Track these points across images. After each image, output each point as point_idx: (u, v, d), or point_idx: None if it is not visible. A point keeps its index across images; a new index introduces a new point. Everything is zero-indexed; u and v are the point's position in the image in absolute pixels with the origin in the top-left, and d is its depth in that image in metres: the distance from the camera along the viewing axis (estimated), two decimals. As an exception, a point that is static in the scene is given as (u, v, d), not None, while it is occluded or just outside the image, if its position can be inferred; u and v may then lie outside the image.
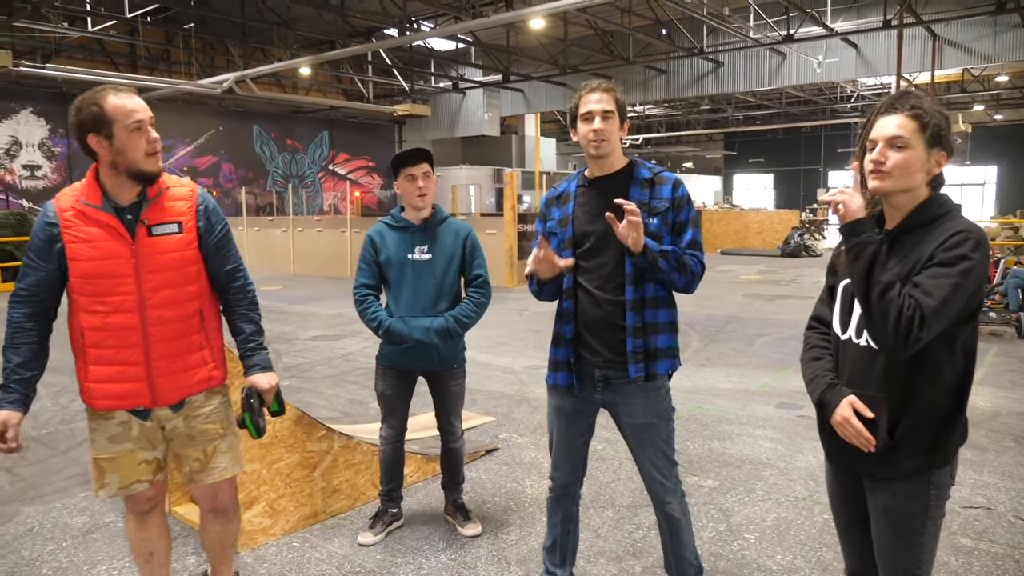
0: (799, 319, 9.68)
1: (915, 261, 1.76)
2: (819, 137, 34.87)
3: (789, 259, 18.95)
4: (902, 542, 1.88)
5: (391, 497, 3.50)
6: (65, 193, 2.28)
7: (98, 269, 2.21)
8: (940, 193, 1.84)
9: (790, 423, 5.17)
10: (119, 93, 2.19)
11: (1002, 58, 15.59)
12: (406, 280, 3.27)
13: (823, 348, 2.05)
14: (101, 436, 2.36)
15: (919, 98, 1.80)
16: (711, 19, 15.23)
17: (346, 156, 27.34)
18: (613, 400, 2.57)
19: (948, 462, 1.85)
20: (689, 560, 2.67)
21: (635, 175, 2.54)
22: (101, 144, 2.17)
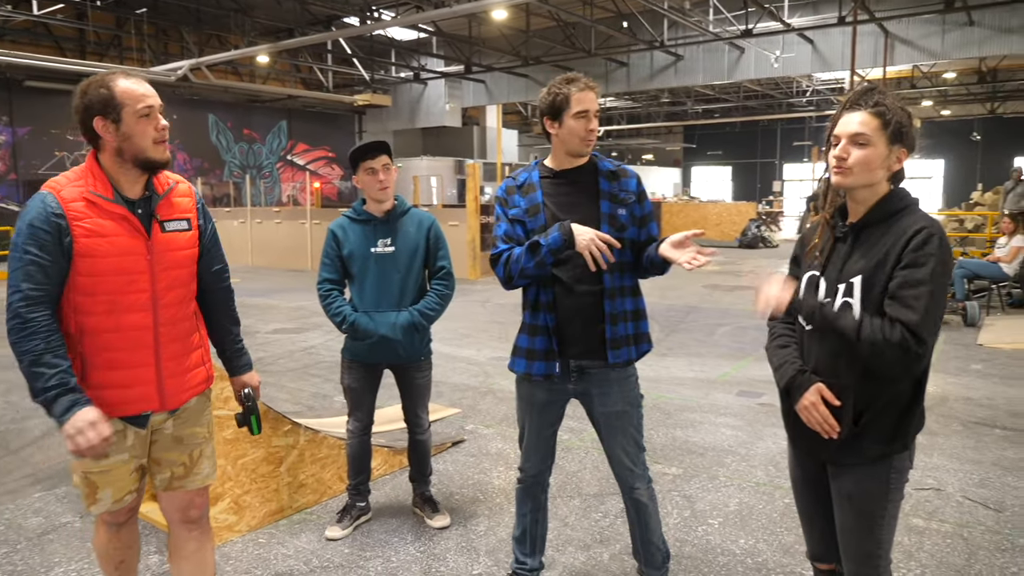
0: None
1: (881, 256, 1.82)
2: (775, 131, 35.49)
3: (747, 250, 19.29)
4: (864, 525, 1.95)
5: (359, 491, 3.49)
6: (61, 183, 2.07)
7: (115, 266, 2.06)
8: (900, 188, 1.90)
9: (750, 411, 5.28)
10: (129, 77, 2.08)
11: (949, 55, 16.06)
12: (369, 274, 3.25)
13: (789, 336, 2.09)
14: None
15: (883, 95, 1.85)
16: (672, 12, 15.37)
17: (305, 146, 26.94)
18: (587, 389, 2.61)
19: (907, 448, 1.92)
20: (656, 545, 2.73)
21: (600, 167, 2.60)
22: (107, 128, 2.04)
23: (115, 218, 2.07)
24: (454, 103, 23.72)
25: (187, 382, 2.26)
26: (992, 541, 3.29)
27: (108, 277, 2.06)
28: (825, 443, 1.94)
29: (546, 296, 2.56)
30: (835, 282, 1.91)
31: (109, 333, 2.08)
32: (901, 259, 1.78)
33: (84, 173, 2.09)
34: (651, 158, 40.86)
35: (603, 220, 2.51)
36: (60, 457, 4.37)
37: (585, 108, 2.48)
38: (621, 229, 2.53)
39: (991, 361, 6.77)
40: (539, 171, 2.64)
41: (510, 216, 2.61)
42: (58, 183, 2.07)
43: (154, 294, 2.13)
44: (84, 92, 2.05)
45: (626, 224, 2.56)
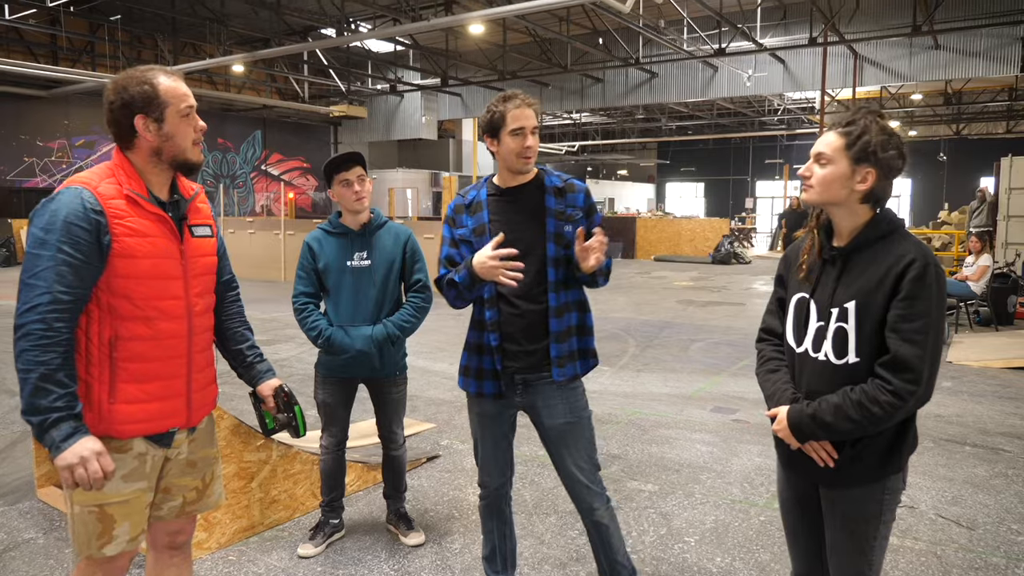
0: (731, 325, 9.97)
1: (875, 283, 1.82)
2: (748, 148, 35.98)
3: (720, 266, 19.48)
4: (856, 546, 1.95)
5: (332, 507, 3.43)
6: (93, 179, 1.92)
7: (154, 268, 1.95)
8: (885, 211, 1.92)
9: (725, 427, 5.30)
10: (170, 75, 1.98)
11: (917, 77, 16.45)
12: (345, 287, 3.22)
13: (779, 360, 2.08)
14: (116, 475, 1.94)
15: (862, 116, 1.88)
16: (647, 31, 15.56)
17: (280, 156, 26.74)
18: (534, 403, 2.59)
19: (901, 468, 1.94)
20: (622, 563, 2.69)
21: (547, 184, 2.57)
22: (149, 127, 1.93)
23: (153, 219, 1.97)
24: (430, 116, 23.73)
25: (207, 397, 2.16)
26: (965, 559, 3.32)
27: (147, 280, 1.94)
28: (819, 466, 1.94)
29: (491, 314, 2.54)
30: (827, 307, 1.91)
31: (145, 341, 1.95)
32: (899, 290, 1.79)
33: (112, 171, 1.96)
34: (625, 173, 41.19)
35: (549, 239, 2.51)
36: (22, 471, 4.24)
37: (520, 125, 2.47)
38: (568, 246, 2.52)
39: (960, 379, 6.88)
40: (487, 189, 2.61)
41: (457, 236, 2.60)
42: (90, 179, 1.92)
43: (188, 301, 2.04)
44: (123, 87, 1.93)
45: (574, 240, 2.51)
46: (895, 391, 1.77)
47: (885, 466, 1.90)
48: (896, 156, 1.86)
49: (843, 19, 15.37)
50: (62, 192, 1.89)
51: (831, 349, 1.89)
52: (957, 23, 14.63)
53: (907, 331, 1.77)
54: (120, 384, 1.93)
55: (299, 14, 16.00)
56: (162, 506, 2.13)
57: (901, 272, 1.79)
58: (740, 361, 7.62)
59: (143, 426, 1.97)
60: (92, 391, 1.92)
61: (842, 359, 1.88)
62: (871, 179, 1.85)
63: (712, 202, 38.44)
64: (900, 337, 1.77)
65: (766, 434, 5.08)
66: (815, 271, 1.97)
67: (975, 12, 14.62)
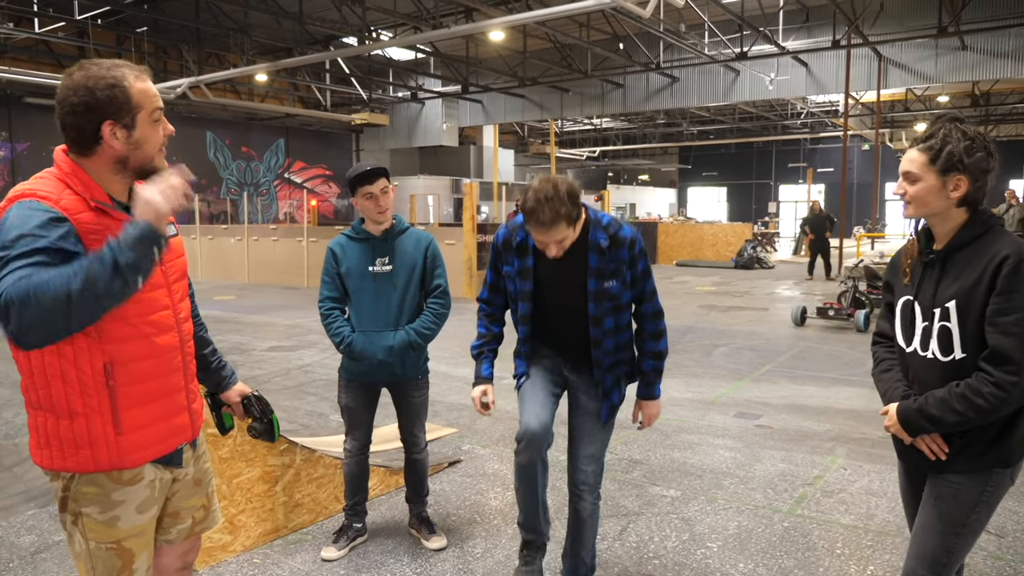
0: (754, 330, 9.89)
1: (973, 280, 1.90)
2: (770, 152, 35.75)
3: (742, 271, 19.33)
4: (942, 527, 1.99)
5: (356, 511, 3.45)
6: (47, 192, 1.65)
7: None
8: (981, 210, 1.98)
9: (748, 432, 5.26)
10: (138, 73, 1.74)
11: (943, 79, 16.25)
12: (367, 292, 3.26)
13: (891, 360, 2.17)
14: (129, 508, 1.80)
15: (941, 127, 1.95)
16: (667, 35, 15.53)
17: (302, 164, 27.03)
18: (577, 382, 2.79)
19: (1010, 464, 1.96)
20: (583, 559, 2.87)
21: (591, 241, 2.58)
22: (116, 135, 1.70)
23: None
24: (451, 123, 23.86)
25: (200, 407, 2.03)
26: (994, 567, 3.26)
27: (139, 295, 1.69)
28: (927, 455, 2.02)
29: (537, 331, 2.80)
30: (930, 307, 1.99)
31: (145, 360, 1.79)
32: (995, 285, 1.86)
33: (66, 181, 1.70)
34: (647, 178, 41.07)
35: (590, 298, 2.62)
36: (53, 475, 4.32)
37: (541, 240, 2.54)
38: (612, 299, 2.64)
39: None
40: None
41: (503, 271, 2.77)
42: (47, 191, 1.65)
43: (174, 310, 1.89)
44: (87, 88, 1.67)
45: (617, 293, 2.64)
46: (997, 383, 1.83)
47: (990, 456, 1.94)
48: (984, 157, 1.92)
49: (867, 21, 15.23)
50: (14, 207, 1.61)
51: (937, 347, 1.97)
52: (984, 23, 14.42)
53: (1004, 324, 1.83)
54: (123, 412, 1.76)
55: (321, 23, 16.19)
56: (171, 530, 2.02)
57: (996, 268, 1.86)
58: (763, 366, 7.55)
59: (153, 450, 1.84)
60: (93, 424, 1.73)
61: (948, 356, 1.95)
62: (964, 185, 1.92)
63: (734, 206, 38.20)
64: (998, 330, 1.84)
65: (790, 440, 5.04)
66: (917, 274, 2.05)
67: (1003, 12, 14.40)
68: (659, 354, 2.77)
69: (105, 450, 1.75)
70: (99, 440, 1.74)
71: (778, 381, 6.80)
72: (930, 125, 2.00)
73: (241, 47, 17.83)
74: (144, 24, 17.39)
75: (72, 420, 1.73)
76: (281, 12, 15.17)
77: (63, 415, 1.73)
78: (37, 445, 1.79)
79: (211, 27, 16.56)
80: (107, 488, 1.78)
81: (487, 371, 2.84)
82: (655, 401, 2.84)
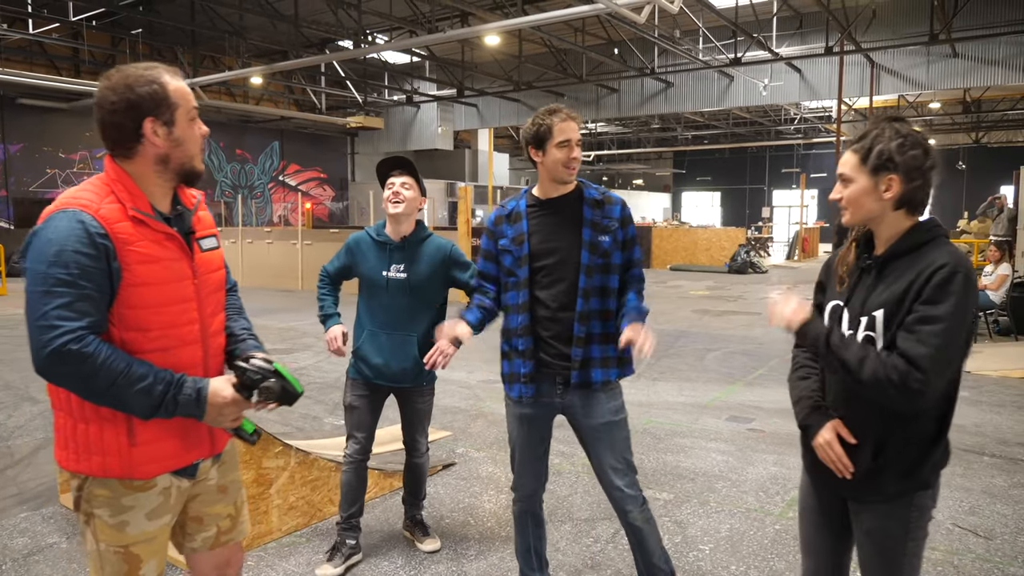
0: (747, 335, 9.93)
1: (903, 289, 1.79)
2: (764, 157, 35.89)
3: (736, 275, 19.40)
4: (884, 562, 1.91)
5: (350, 526, 3.33)
6: (92, 199, 1.69)
7: (170, 294, 1.77)
8: (927, 220, 1.88)
9: (740, 436, 5.29)
10: (174, 73, 1.78)
11: (934, 86, 16.37)
12: (380, 296, 3.22)
13: (810, 368, 2.06)
14: (139, 514, 1.80)
15: (875, 126, 1.87)
16: (662, 41, 15.60)
17: (297, 167, 27.00)
18: (573, 402, 2.67)
19: (930, 485, 1.88)
20: (659, 566, 2.73)
21: (585, 196, 2.67)
22: (158, 132, 1.73)
23: (163, 240, 1.76)
24: (446, 126, 23.89)
25: None
26: (983, 569, 3.29)
27: (162, 308, 1.75)
28: (844, 478, 1.90)
29: (523, 319, 2.65)
30: (858, 314, 1.88)
31: None
32: (922, 293, 1.75)
33: (110, 187, 1.74)
34: (641, 183, 41.17)
35: (584, 247, 2.60)
36: (45, 476, 4.32)
37: (567, 137, 2.57)
38: (604, 255, 2.62)
39: (979, 388, 6.82)
40: (526, 200, 2.72)
41: (499, 247, 2.72)
42: (89, 200, 1.68)
43: (202, 323, 1.86)
44: (128, 86, 1.70)
45: (609, 250, 2.63)
46: (905, 382, 1.71)
47: (909, 482, 1.85)
48: (919, 155, 1.81)
49: (859, 28, 15.33)
50: (56, 217, 1.66)
51: None
52: (975, 31, 14.55)
53: (922, 332, 1.71)
54: (139, 424, 1.74)
55: (316, 27, 16.20)
56: (196, 537, 1.99)
57: (928, 277, 1.75)
58: (756, 371, 7.59)
59: (167, 463, 1.82)
60: (106, 433, 1.74)
61: None
62: (896, 185, 1.82)
63: (728, 211, 38.32)
64: (915, 338, 1.72)
65: (781, 443, 5.07)
66: (853, 279, 1.94)
67: (994, 20, 14.52)
68: (642, 295, 2.68)
69: (117, 459, 1.75)
70: (112, 448, 1.75)
71: (770, 385, 6.83)
72: (866, 126, 1.92)
73: (236, 50, 17.84)
74: (139, 26, 17.38)
75: (88, 425, 1.74)
76: (276, 15, 15.19)
77: (80, 419, 1.75)
78: (58, 445, 1.82)
79: (206, 29, 16.56)
80: (118, 492, 1.79)
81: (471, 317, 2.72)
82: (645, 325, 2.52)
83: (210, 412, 1.75)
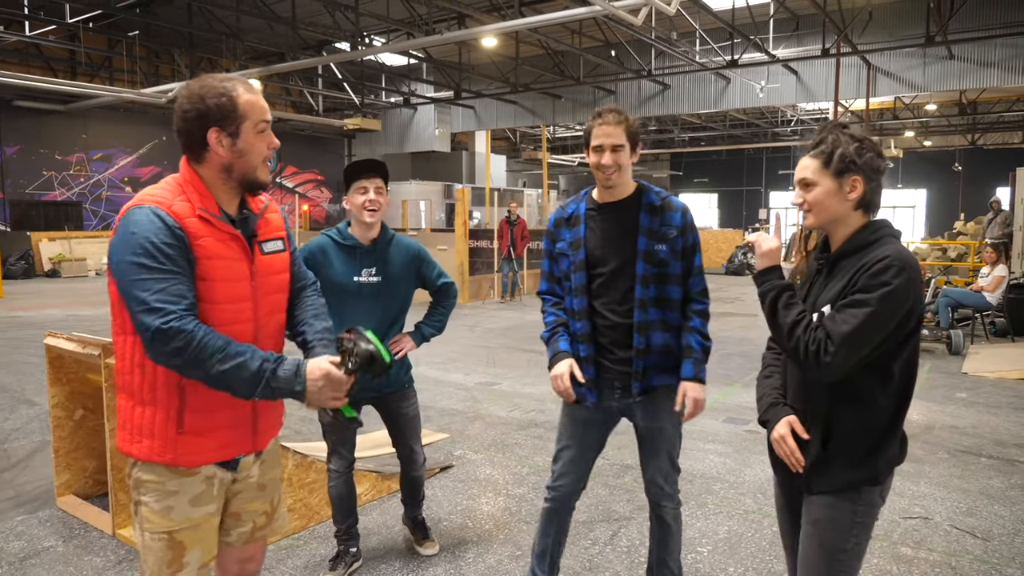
0: (744, 336, 9.93)
1: (846, 283, 1.87)
2: (761, 159, 35.92)
3: (733, 277, 19.44)
4: (824, 556, 1.93)
5: (350, 535, 3.28)
6: (165, 197, 1.80)
7: (228, 292, 1.85)
8: (877, 220, 1.96)
9: (738, 438, 5.29)
10: (248, 87, 1.86)
11: (931, 88, 16.39)
12: (350, 303, 3.03)
13: (774, 367, 2.14)
14: (182, 499, 1.86)
15: (832, 131, 1.94)
16: (659, 43, 15.61)
17: (294, 169, 26.99)
18: (631, 406, 2.67)
19: (879, 481, 1.91)
20: (671, 568, 2.78)
21: (644, 201, 2.62)
22: (222, 142, 1.82)
23: (226, 239, 1.85)
24: (443, 128, 23.88)
25: (273, 420, 2.06)
26: (980, 571, 3.30)
27: (221, 305, 1.83)
28: (798, 471, 1.96)
29: (583, 325, 2.63)
30: (811, 311, 1.95)
31: None
32: (857, 282, 1.83)
33: (183, 187, 1.84)
34: (638, 185, 41.16)
35: (639, 256, 2.56)
36: (42, 480, 4.30)
37: (599, 143, 2.53)
38: (661, 264, 2.57)
39: (976, 390, 6.83)
40: (586, 203, 2.69)
41: (556, 250, 2.71)
42: (163, 197, 1.80)
43: (256, 323, 1.92)
44: (200, 97, 1.81)
45: (667, 259, 2.57)
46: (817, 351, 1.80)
47: (858, 473, 1.89)
48: (875, 157, 1.91)
49: (856, 30, 15.36)
50: (134, 212, 1.77)
51: None
52: (971, 33, 14.57)
53: (846, 313, 1.79)
54: (188, 414, 1.83)
55: (314, 29, 16.20)
56: (231, 532, 2.04)
57: (867, 269, 1.82)
58: (753, 372, 7.59)
59: (210, 455, 1.89)
60: (158, 417, 1.82)
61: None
62: (860, 186, 1.91)
63: (725, 213, 38.35)
64: (838, 315, 1.80)
65: (779, 445, 5.06)
66: (810, 278, 2.04)
67: (990, 22, 14.55)
68: (705, 334, 2.63)
69: (163, 444, 1.83)
70: (160, 433, 1.83)
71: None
72: (817, 133, 1.99)
73: (234, 52, 17.81)
74: (136, 28, 17.34)
75: (144, 408, 1.84)
76: (274, 17, 15.18)
77: (138, 402, 1.84)
78: (119, 426, 1.91)
79: (203, 31, 16.54)
80: (164, 477, 1.86)
81: (565, 345, 2.65)
82: (701, 385, 2.58)
83: (310, 388, 1.80)
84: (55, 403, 3.99)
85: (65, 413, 4.01)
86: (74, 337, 3.66)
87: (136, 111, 21.25)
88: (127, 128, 21.55)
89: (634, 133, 2.56)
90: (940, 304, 9.14)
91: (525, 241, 14.21)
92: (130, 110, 21.05)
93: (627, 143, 2.54)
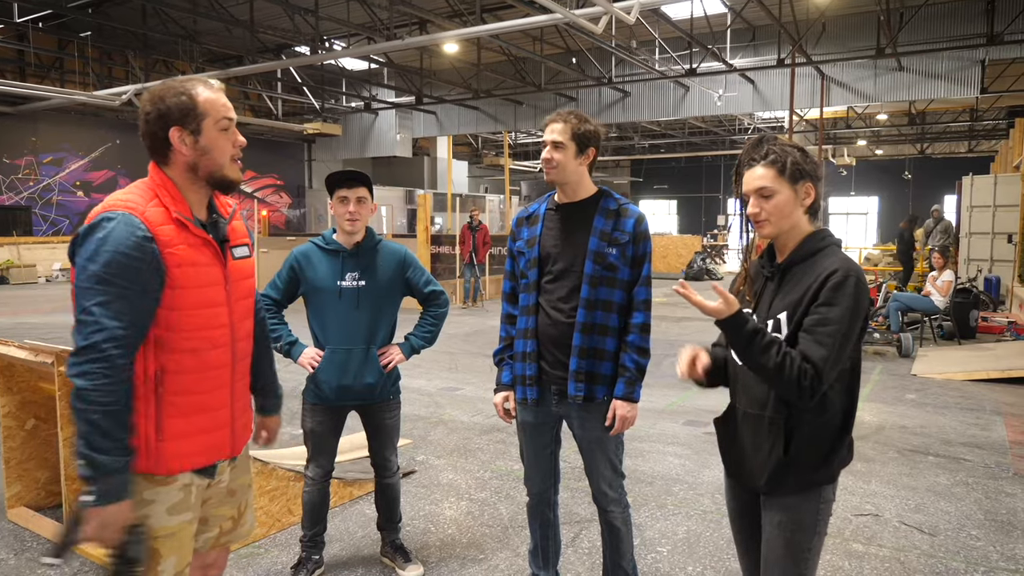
0: (704, 340, 9.99)
1: (802, 292, 1.91)
2: (719, 166, 36.53)
3: (692, 282, 19.64)
4: (791, 556, 1.97)
5: (315, 543, 3.28)
6: (138, 202, 1.79)
7: (203, 297, 1.85)
8: (822, 229, 2.01)
9: (697, 439, 5.39)
10: (209, 86, 1.88)
11: (881, 98, 16.88)
12: (334, 308, 3.04)
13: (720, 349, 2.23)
14: (159, 508, 1.85)
15: (772, 142, 1.98)
16: (619, 51, 15.80)
17: (253, 174, 26.54)
18: (568, 412, 2.71)
19: (834, 479, 1.99)
20: (625, 569, 2.83)
21: (601, 205, 2.67)
22: (185, 140, 1.82)
23: (200, 245, 1.86)
24: (405, 134, 23.79)
25: (247, 425, 2.07)
26: (927, 565, 3.42)
27: (196, 311, 1.84)
28: (757, 473, 1.99)
29: (530, 321, 2.68)
30: (765, 319, 1.99)
31: (192, 373, 1.86)
32: (818, 296, 1.87)
33: (155, 191, 1.84)
34: (600, 191, 41.48)
35: (589, 256, 2.60)
36: (-9, 493, 4.18)
37: (545, 139, 2.64)
38: (610, 268, 2.60)
39: (924, 391, 7.05)
40: (547, 204, 2.76)
41: (516, 249, 2.78)
42: (135, 203, 1.78)
43: (232, 328, 1.95)
44: (160, 98, 1.82)
45: (615, 264, 2.60)
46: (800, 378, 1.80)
47: (819, 474, 1.95)
48: (815, 163, 1.98)
49: (810, 41, 15.75)
50: (105, 218, 1.74)
51: None
52: (919, 46, 15.07)
53: (819, 334, 1.83)
54: (167, 419, 1.83)
55: (273, 32, 16.02)
56: (198, 537, 2.02)
57: (823, 281, 1.86)
58: (712, 375, 7.72)
59: (190, 460, 1.89)
60: (138, 427, 1.80)
61: None
62: (813, 192, 1.97)
63: (685, 219, 38.90)
64: (813, 339, 1.84)
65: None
66: (758, 287, 2.08)
67: (936, 35, 15.07)
68: (643, 350, 2.64)
69: (145, 453, 1.82)
70: (141, 442, 1.81)
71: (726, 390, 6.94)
72: (755, 146, 1.99)
73: (190, 54, 17.52)
74: (88, 29, 16.93)
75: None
76: (231, 20, 14.97)
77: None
78: None
79: (158, 33, 16.22)
80: (140, 487, 1.82)
81: (507, 378, 2.78)
82: (633, 404, 2.62)
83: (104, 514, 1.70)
84: (6, 412, 3.88)
85: (16, 423, 3.91)
86: (26, 345, 3.57)
87: (88, 113, 20.72)
88: (79, 131, 20.99)
89: (581, 135, 2.60)
90: (891, 308, 9.42)
91: (487, 247, 14.24)
92: (82, 112, 20.52)
93: (570, 143, 2.59)
